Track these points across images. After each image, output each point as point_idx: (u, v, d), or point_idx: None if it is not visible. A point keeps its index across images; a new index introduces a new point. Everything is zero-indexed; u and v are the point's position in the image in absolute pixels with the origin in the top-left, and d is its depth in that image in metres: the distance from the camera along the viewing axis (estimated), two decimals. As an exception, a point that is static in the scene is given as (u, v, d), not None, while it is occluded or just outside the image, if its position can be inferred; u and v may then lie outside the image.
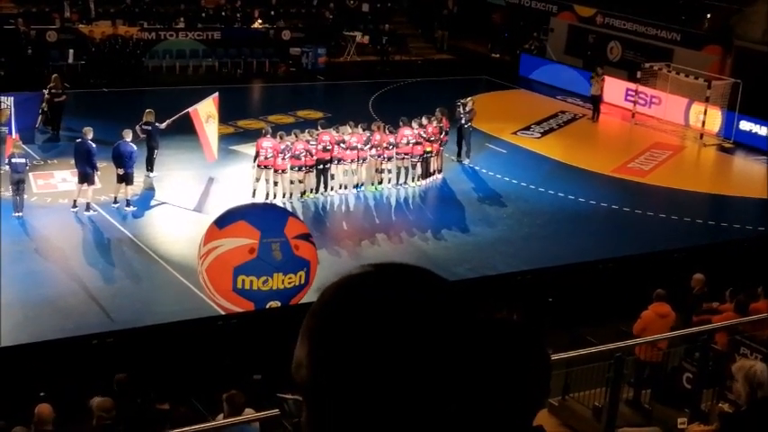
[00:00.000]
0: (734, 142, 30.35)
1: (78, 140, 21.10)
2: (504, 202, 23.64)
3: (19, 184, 20.04)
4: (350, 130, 23.09)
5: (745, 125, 30.36)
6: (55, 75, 26.77)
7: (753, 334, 12.53)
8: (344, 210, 22.69)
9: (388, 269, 1.51)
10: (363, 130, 23.32)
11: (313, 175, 22.47)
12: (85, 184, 20.64)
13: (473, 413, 1.42)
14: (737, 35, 32.18)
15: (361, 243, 20.62)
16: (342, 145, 22.62)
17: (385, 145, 23.25)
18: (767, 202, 25.42)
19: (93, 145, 20.72)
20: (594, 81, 32.08)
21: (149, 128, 22.57)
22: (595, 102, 32.17)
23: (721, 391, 10.93)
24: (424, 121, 23.97)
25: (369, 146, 23.04)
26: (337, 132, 22.97)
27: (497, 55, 40.51)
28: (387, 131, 23.49)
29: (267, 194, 21.87)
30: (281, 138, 22.12)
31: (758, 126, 30.08)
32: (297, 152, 21.98)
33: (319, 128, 23.04)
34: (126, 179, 21.03)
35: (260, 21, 36.42)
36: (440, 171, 24.76)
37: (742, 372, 6.79)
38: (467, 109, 25.87)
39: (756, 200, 25.82)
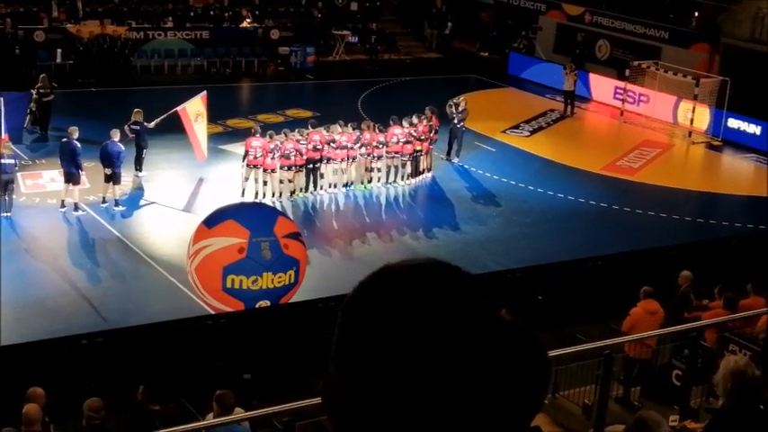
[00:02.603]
0: (722, 140, 30.44)
1: (64, 140, 21.05)
2: (493, 200, 23.67)
3: (8, 185, 19.98)
4: (340, 129, 23.09)
5: (734, 123, 30.46)
6: (43, 74, 26.69)
7: (742, 331, 12.58)
8: (334, 209, 22.69)
9: (425, 264, 1.57)
10: (353, 129, 23.32)
11: (302, 175, 22.46)
12: (71, 184, 20.59)
13: (477, 411, 1.46)
14: (725, 33, 32.26)
15: (351, 242, 20.62)
16: (332, 144, 22.61)
17: (375, 144, 23.25)
18: (755, 199, 25.50)
19: (79, 144, 20.67)
20: (566, 76, 32.21)
21: (138, 127, 22.53)
22: (569, 97, 32.28)
23: (710, 388, 10.96)
24: (414, 119, 23.98)
25: (359, 145, 23.04)
26: (327, 132, 22.97)
27: (486, 54, 40.54)
28: (377, 130, 23.49)
29: (256, 194, 21.85)
30: (270, 137, 22.11)
31: (746, 124, 30.18)
32: (286, 151, 21.97)
33: (309, 127, 23.03)
34: (114, 179, 20.99)
35: (248, 20, 36.38)
36: (429, 170, 24.77)
37: (723, 364, 6.83)
38: (459, 109, 25.88)
39: (745, 197, 25.92)
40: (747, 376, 6.46)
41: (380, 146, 23.35)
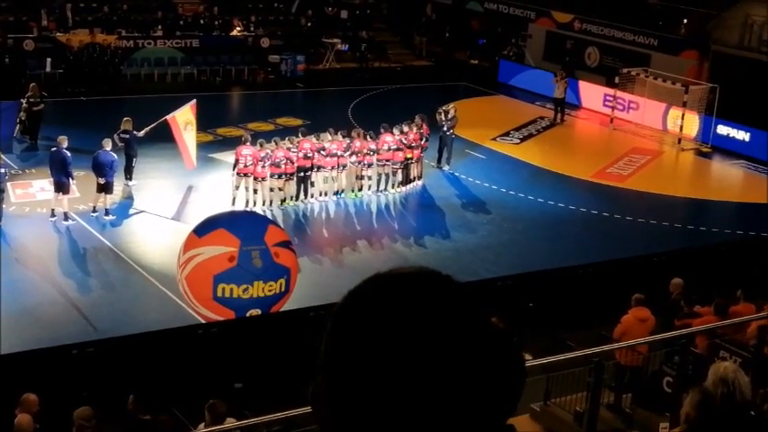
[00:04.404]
0: (711, 146, 30.51)
1: (53, 149, 21.02)
2: (484, 208, 23.68)
3: (-3, 194, 19.95)
4: (330, 138, 23.09)
5: (723, 129, 30.54)
6: (33, 84, 26.66)
7: (732, 337, 12.59)
8: (325, 217, 22.68)
9: (416, 273, 1.57)
10: (343, 137, 23.32)
11: (293, 183, 22.45)
12: (61, 194, 20.54)
13: (463, 418, 1.46)
14: (714, 40, 32.38)
15: (342, 250, 20.61)
16: (322, 152, 22.61)
17: (365, 151, 23.25)
18: (745, 205, 25.61)
19: (68, 154, 20.63)
20: (556, 83, 32.27)
21: (127, 136, 22.50)
22: (559, 104, 32.35)
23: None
24: (405, 127, 23.98)
25: (349, 153, 23.05)
26: (318, 140, 22.97)
27: (476, 61, 40.62)
28: (367, 138, 23.50)
29: (247, 202, 21.84)
30: (260, 145, 22.11)
31: (735, 130, 30.26)
32: (277, 160, 21.97)
33: (300, 135, 23.03)
34: (106, 188, 20.95)
35: (238, 28, 36.40)
36: (420, 178, 24.79)
37: (712, 370, 6.85)
38: (449, 116, 25.91)
39: (734, 203, 26.00)
40: (737, 383, 6.48)
41: (371, 153, 23.36)
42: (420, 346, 1.45)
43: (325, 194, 23.06)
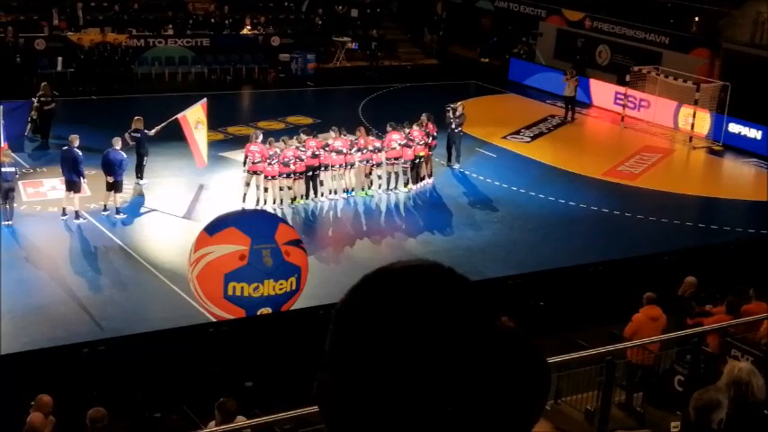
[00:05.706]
0: (723, 144, 30.42)
1: (65, 148, 21.08)
2: (494, 206, 23.66)
3: (8, 193, 19.98)
4: (334, 135, 23.07)
5: (734, 127, 30.44)
6: (44, 83, 26.74)
7: (744, 336, 12.55)
8: (335, 216, 22.68)
9: (417, 267, 1.56)
10: (345, 135, 23.21)
11: (302, 182, 22.45)
12: (72, 192, 20.59)
13: (472, 418, 1.44)
14: (725, 38, 32.28)
15: (352, 248, 20.61)
16: (326, 148, 22.58)
17: (371, 148, 23.22)
18: (756, 203, 25.50)
19: (80, 152, 20.69)
20: (567, 81, 32.19)
21: (138, 135, 22.55)
22: (569, 102, 32.28)
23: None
24: (407, 128, 23.87)
25: (355, 149, 23.00)
26: (320, 139, 23.04)
27: (486, 60, 40.57)
28: (372, 136, 23.50)
29: (257, 201, 21.86)
30: (270, 144, 22.13)
31: (747, 128, 30.16)
32: (286, 159, 21.97)
33: (302, 135, 22.96)
34: (115, 187, 20.99)
35: (249, 27, 36.43)
36: (430, 176, 24.75)
37: (727, 370, 6.82)
38: (457, 114, 25.86)
39: (746, 202, 25.89)
40: (751, 384, 6.45)
41: (378, 151, 23.33)
42: (422, 340, 1.43)
43: (335, 193, 23.05)
